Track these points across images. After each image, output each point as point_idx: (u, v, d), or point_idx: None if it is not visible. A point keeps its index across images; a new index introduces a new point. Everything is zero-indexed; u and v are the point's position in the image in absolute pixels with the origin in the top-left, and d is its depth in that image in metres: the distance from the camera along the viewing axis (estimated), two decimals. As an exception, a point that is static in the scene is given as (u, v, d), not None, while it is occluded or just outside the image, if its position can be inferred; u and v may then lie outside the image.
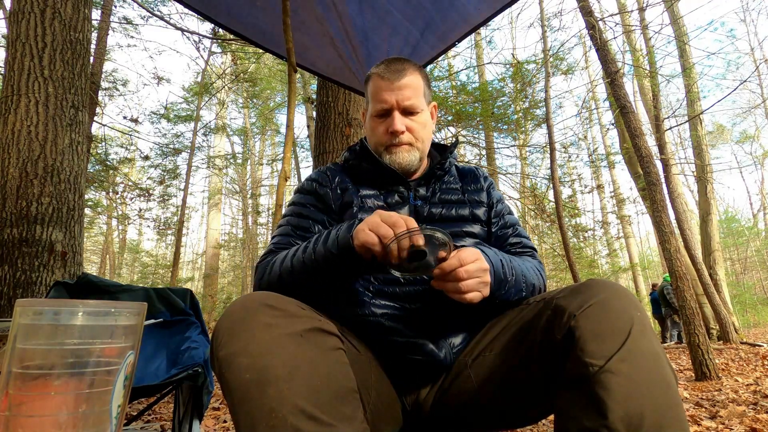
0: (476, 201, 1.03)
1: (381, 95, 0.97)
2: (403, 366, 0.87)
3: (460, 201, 1.01)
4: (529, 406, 0.79)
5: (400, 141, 0.97)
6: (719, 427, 2.30)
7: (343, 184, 1.01)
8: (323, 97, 3.43)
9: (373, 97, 0.98)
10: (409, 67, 0.98)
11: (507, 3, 1.86)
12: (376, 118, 0.99)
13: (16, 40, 2.46)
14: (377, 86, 0.97)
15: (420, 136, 0.99)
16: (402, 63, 0.98)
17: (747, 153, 21.14)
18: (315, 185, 1.03)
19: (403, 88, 0.95)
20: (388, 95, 0.96)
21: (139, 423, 2.51)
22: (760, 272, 22.39)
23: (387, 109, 0.97)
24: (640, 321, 0.65)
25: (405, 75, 0.96)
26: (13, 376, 0.49)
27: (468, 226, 0.98)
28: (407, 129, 0.97)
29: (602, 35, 4.85)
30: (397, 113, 0.96)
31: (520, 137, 10.27)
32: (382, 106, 0.97)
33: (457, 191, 1.03)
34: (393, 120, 0.96)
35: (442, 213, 0.98)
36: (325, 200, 1.00)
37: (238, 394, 0.59)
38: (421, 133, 0.99)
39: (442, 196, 1.01)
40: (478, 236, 0.99)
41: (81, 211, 2.54)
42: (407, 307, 0.88)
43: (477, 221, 1.00)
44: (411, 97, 0.96)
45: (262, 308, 0.64)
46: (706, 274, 7.94)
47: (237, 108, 15.64)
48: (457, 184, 1.05)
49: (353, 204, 0.96)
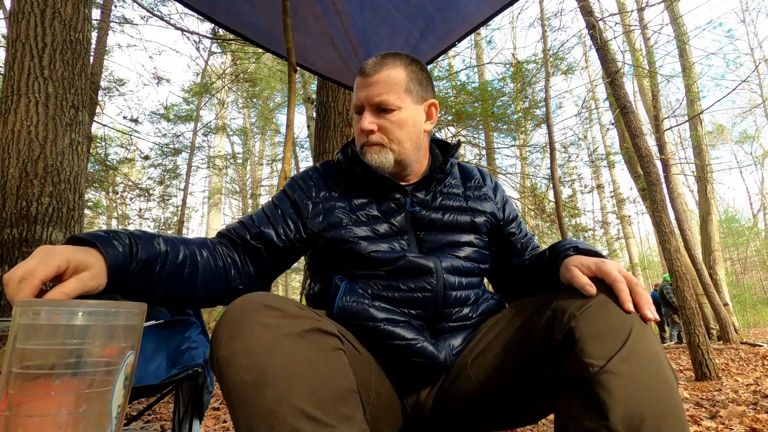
0: (477, 209, 0.97)
1: (356, 92, 0.93)
2: (403, 367, 0.87)
3: (461, 208, 0.96)
4: (529, 407, 0.79)
5: (369, 141, 0.90)
6: (719, 427, 2.30)
7: (329, 200, 0.93)
8: (323, 97, 3.43)
9: (354, 93, 0.96)
10: (390, 62, 0.91)
11: (507, 3, 1.86)
12: (356, 116, 0.95)
13: (16, 40, 2.46)
14: (356, 84, 0.94)
15: (394, 136, 0.90)
16: (386, 58, 0.92)
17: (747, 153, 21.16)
18: (298, 191, 0.95)
19: (374, 84, 0.90)
20: (361, 91, 0.92)
21: (139, 423, 2.51)
22: (760, 272, 22.39)
23: (359, 106, 0.92)
24: (640, 322, 0.65)
25: (381, 70, 0.90)
26: (13, 376, 0.49)
27: (466, 236, 0.94)
28: (378, 128, 0.90)
29: (602, 35, 4.85)
30: (367, 110, 0.91)
31: (520, 137, 10.27)
32: (355, 103, 0.93)
33: (458, 197, 0.98)
34: (362, 118, 0.91)
35: (442, 219, 0.93)
36: (300, 211, 0.93)
37: (237, 394, 0.59)
38: (395, 133, 0.90)
39: (443, 201, 0.95)
40: (475, 245, 0.95)
41: (81, 211, 2.54)
42: (407, 312, 0.87)
43: (476, 231, 0.96)
44: (382, 93, 0.89)
45: (261, 309, 0.64)
46: (706, 274, 7.94)
47: (237, 108, 15.65)
48: (459, 188, 1.00)
49: (342, 223, 0.89)
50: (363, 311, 0.85)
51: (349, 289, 0.87)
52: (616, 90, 4.69)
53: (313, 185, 0.96)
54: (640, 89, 10.54)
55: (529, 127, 10.09)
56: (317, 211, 0.92)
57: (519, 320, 0.80)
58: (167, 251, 0.75)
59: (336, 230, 0.89)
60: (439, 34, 2.06)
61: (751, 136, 19.98)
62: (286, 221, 0.92)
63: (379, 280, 0.87)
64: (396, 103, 0.90)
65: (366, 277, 0.88)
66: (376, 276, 0.87)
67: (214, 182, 14.35)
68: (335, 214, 0.90)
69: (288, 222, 0.92)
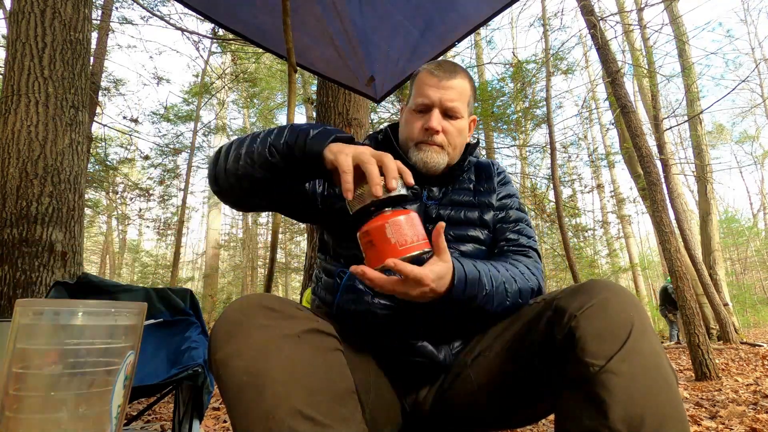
0: (486, 204, 0.99)
1: (425, 90, 0.94)
2: (403, 366, 0.87)
3: (470, 204, 0.98)
4: (529, 406, 0.79)
5: (434, 140, 0.94)
6: (719, 427, 2.30)
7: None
8: (323, 97, 3.42)
9: (417, 91, 0.96)
10: (461, 73, 0.96)
11: (507, 3, 1.86)
12: (415, 113, 0.96)
13: (16, 40, 2.46)
14: (424, 81, 0.96)
15: (453, 141, 0.95)
16: (455, 66, 0.97)
17: (747, 153, 21.15)
18: None
19: (449, 88, 0.93)
20: (433, 92, 0.93)
21: (139, 423, 2.51)
22: (760, 272, 22.38)
23: (428, 105, 0.94)
24: (641, 321, 0.65)
25: (455, 77, 0.95)
26: (13, 376, 0.49)
27: (474, 231, 0.96)
28: (443, 130, 0.94)
29: (603, 35, 4.85)
30: (437, 111, 0.93)
31: (520, 137, 10.27)
32: (423, 101, 0.94)
33: (469, 192, 1.00)
34: (431, 117, 0.93)
35: (450, 215, 0.95)
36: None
37: (235, 396, 0.59)
38: (455, 138, 0.96)
39: (453, 197, 0.98)
40: (483, 242, 0.96)
41: (81, 211, 2.54)
42: (408, 306, 0.87)
43: (485, 226, 0.98)
44: (455, 99, 0.94)
45: (259, 310, 0.64)
46: (706, 274, 7.94)
47: (237, 108, 15.64)
48: (470, 183, 1.02)
49: None
50: (363, 309, 0.85)
51: (350, 286, 0.87)
52: (616, 90, 4.68)
53: None
54: (640, 89, 10.53)
55: (529, 127, 10.08)
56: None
57: (519, 320, 0.80)
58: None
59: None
60: (439, 34, 2.06)
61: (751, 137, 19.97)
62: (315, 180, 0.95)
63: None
64: (461, 112, 0.95)
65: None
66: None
67: (214, 182, 14.32)
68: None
69: (316, 181, 0.95)
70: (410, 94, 1.00)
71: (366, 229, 0.69)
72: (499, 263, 0.87)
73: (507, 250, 0.97)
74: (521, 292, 0.85)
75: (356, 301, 0.87)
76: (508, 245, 0.98)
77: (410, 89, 1.01)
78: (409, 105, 0.98)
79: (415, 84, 0.99)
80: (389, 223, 0.67)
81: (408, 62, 2.20)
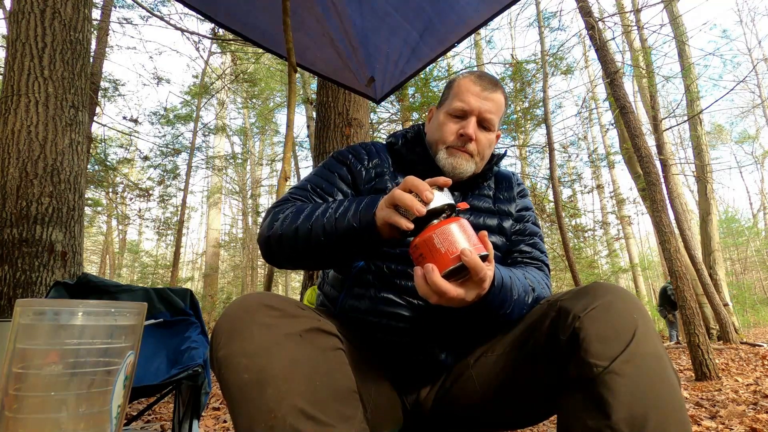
0: (505, 212, 1.01)
1: (466, 97, 0.95)
2: (404, 366, 0.87)
3: (490, 210, 1.00)
4: (531, 407, 0.79)
5: (466, 147, 0.95)
6: (719, 427, 2.30)
7: (380, 167, 0.99)
8: (323, 97, 3.43)
9: (457, 95, 0.97)
10: (500, 88, 0.99)
11: (506, 4, 1.86)
12: (451, 116, 0.97)
13: (16, 40, 2.45)
14: (466, 87, 0.96)
15: (483, 151, 0.97)
16: (496, 81, 0.99)
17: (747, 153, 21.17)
18: (351, 158, 1.00)
19: (490, 100, 0.95)
20: (474, 100, 0.95)
21: (139, 423, 2.51)
22: (760, 272, 22.40)
23: (467, 111, 0.95)
24: (644, 324, 0.65)
25: (497, 91, 0.97)
26: (13, 376, 0.48)
27: (493, 237, 0.96)
28: (476, 139, 0.95)
29: (602, 35, 4.85)
30: (474, 120, 0.95)
31: (519, 137, 10.27)
32: (462, 107, 0.95)
33: (488, 198, 1.02)
34: (468, 124, 0.94)
35: (470, 220, 0.97)
36: (355, 176, 0.98)
37: (237, 394, 0.59)
38: (485, 150, 0.98)
39: (473, 202, 1.00)
40: (500, 249, 0.98)
41: (81, 211, 2.54)
42: (412, 303, 0.87)
43: (503, 233, 0.99)
44: (493, 112, 0.95)
45: (261, 308, 0.64)
46: (706, 274, 7.94)
47: (237, 108, 15.64)
48: (490, 190, 1.04)
49: (386, 191, 0.92)
50: (367, 307, 0.85)
51: (356, 281, 0.87)
52: (615, 90, 4.69)
53: (365, 153, 1.02)
54: (639, 89, 10.53)
55: (529, 127, 10.08)
56: (369, 177, 0.98)
57: (523, 322, 0.81)
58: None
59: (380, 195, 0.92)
60: (438, 36, 2.06)
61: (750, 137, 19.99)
62: (346, 186, 0.98)
63: (396, 263, 0.89)
64: (495, 126, 0.98)
65: (383, 257, 0.89)
66: (394, 257, 0.89)
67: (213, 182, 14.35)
68: (383, 180, 0.97)
69: (342, 185, 0.97)
70: (446, 97, 1.01)
71: (415, 243, 0.69)
72: (519, 270, 0.88)
73: (520, 261, 0.99)
74: (537, 301, 0.86)
75: (360, 298, 0.87)
76: (522, 257, 1.00)
77: (445, 93, 1.02)
78: (445, 108, 0.99)
79: (453, 89, 0.99)
80: (436, 233, 0.67)
81: (407, 63, 2.20)
